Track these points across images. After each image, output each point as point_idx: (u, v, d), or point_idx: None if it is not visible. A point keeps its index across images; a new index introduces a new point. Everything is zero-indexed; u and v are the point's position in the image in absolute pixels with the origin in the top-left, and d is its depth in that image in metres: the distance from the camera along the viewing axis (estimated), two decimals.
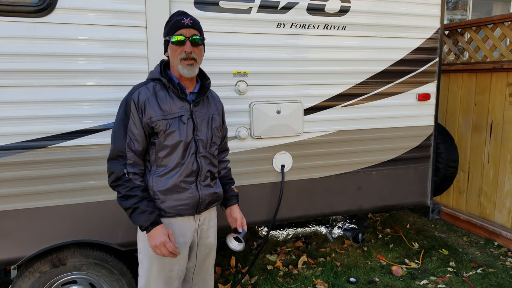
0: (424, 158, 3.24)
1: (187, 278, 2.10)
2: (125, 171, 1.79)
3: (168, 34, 1.84)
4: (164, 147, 1.83)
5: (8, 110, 2.15)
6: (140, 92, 1.82)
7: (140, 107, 1.80)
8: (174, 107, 1.84)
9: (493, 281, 3.23)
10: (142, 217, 1.78)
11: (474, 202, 4.15)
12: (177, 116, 1.84)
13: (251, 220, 2.80)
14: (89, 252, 2.40)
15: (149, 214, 1.79)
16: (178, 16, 1.85)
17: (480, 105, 4.02)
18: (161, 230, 1.80)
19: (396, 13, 2.92)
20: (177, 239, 1.90)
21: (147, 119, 1.80)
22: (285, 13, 2.63)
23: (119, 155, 1.81)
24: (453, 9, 7.03)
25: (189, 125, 1.87)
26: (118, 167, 1.80)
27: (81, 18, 2.21)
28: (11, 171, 2.19)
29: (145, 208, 1.79)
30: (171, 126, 1.82)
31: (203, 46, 1.91)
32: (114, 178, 1.80)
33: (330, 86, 2.84)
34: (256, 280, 3.27)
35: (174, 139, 1.83)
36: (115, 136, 1.82)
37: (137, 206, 1.78)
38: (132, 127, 1.80)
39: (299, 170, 2.86)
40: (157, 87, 1.85)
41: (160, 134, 1.82)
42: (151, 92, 1.82)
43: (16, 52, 2.12)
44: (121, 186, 1.79)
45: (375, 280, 3.29)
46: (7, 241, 2.23)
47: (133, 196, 1.78)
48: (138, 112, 1.80)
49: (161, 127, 1.81)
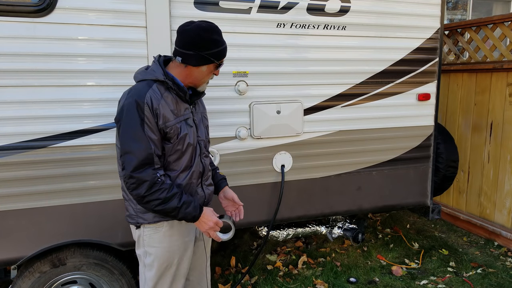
0: (424, 158, 3.24)
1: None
2: (158, 174, 1.71)
3: (216, 57, 1.78)
4: (175, 152, 1.80)
5: (8, 110, 2.15)
6: (151, 96, 1.71)
7: (155, 111, 1.70)
8: (180, 110, 1.81)
9: (493, 281, 3.23)
10: (191, 210, 1.75)
11: (474, 202, 4.15)
12: (183, 119, 1.82)
13: (251, 220, 2.80)
14: (89, 252, 2.40)
15: (193, 204, 1.77)
16: (223, 41, 1.81)
17: (480, 105, 4.02)
18: (209, 212, 1.81)
19: (396, 13, 2.92)
20: (183, 239, 1.92)
21: (162, 124, 1.73)
22: (285, 13, 2.63)
23: (146, 163, 1.69)
24: (453, 9, 7.03)
25: (194, 128, 1.87)
26: (149, 174, 1.68)
27: (81, 18, 2.21)
28: (11, 171, 2.19)
29: (188, 200, 1.76)
30: (182, 130, 1.80)
31: None
32: (148, 186, 1.68)
33: (330, 86, 2.84)
34: (256, 280, 3.27)
35: (185, 143, 1.81)
36: (136, 145, 1.68)
37: (182, 202, 1.74)
38: (150, 133, 1.71)
39: (299, 170, 2.86)
40: (162, 89, 1.77)
41: (173, 139, 1.77)
42: (160, 95, 1.74)
43: (16, 52, 2.12)
44: (158, 191, 1.69)
45: (375, 280, 3.29)
46: (7, 241, 2.23)
47: (174, 195, 1.72)
48: (154, 117, 1.70)
49: (175, 132, 1.77)
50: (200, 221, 1.79)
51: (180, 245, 1.91)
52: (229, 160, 2.63)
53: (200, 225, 1.80)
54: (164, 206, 1.71)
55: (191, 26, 1.75)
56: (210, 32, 1.76)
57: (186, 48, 1.74)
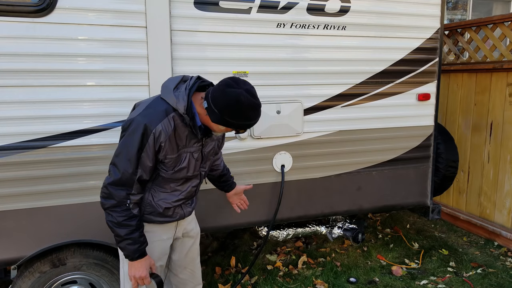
0: (424, 158, 3.24)
1: (174, 271, 2.13)
2: (128, 201, 1.72)
3: (237, 127, 1.69)
4: (169, 178, 1.82)
5: (8, 110, 2.15)
6: (162, 127, 1.67)
7: (159, 143, 1.68)
8: (189, 143, 1.80)
9: (493, 281, 3.23)
10: (132, 248, 1.74)
11: (474, 202, 4.15)
12: (189, 151, 1.81)
13: (251, 220, 2.80)
14: (89, 252, 2.40)
15: (139, 246, 1.76)
16: (252, 118, 1.68)
17: (480, 105, 4.02)
18: (144, 263, 1.78)
19: (396, 13, 2.92)
20: (160, 236, 1.94)
21: (162, 156, 1.73)
22: (285, 13, 2.63)
23: (124, 185, 1.70)
24: (453, 9, 7.03)
25: (198, 160, 1.87)
26: (121, 195, 1.70)
27: (81, 18, 2.21)
28: (11, 171, 2.19)
29: (137, 239, 1.75)
30: (183, 162, 1.79)
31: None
32: (112, 204, 1.70)
33: (330, 86, 2.84)
34: (256, 280, 3.26)
35: (181, 175, 1.83)
36: (125, 165, 1.68)
37: (129, 237, 1.72)
38: (146, 159, 1.70)
39: (299, 170, 2.86)
40: (178, 121, 1.71)
41: (169, 168, 1.77)
42: (172, 128, 1.69)
43: (16, 52, 2.12)
44: (116, 213, 1.70)
45: (375, 280, 3.29)
46: (7, 241, 2.23)
47: (128, 226, 1.72)
48: (155, 147, 1.69)
49: (173, 164, 1.77)
50: (132, 264, 1.78)
51: (157, 243, 1.93)
52: (229, 160, 2.63)
53: (130, 267, 1.79)
54: (114, 227, 1.72)
55: (236, 91, 1.60)
56: (248, 109, 1.63)
57: (215, 105, 1.63)
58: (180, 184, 1.87)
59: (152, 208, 1.85)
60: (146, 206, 1.85)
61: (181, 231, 2.05)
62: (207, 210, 2.66)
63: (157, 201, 1.85)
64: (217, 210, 2.69)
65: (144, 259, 1.78)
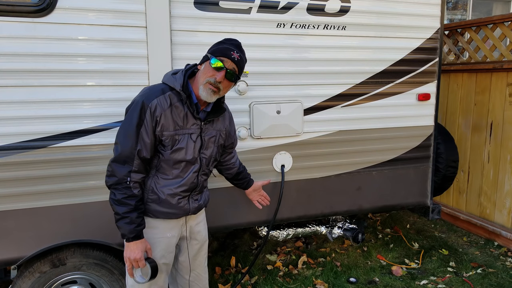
0: (424, 158, 3.23)
1: (181, 272, 2.14)
2: (128, 179, 1.78)
3: (213, 53, 1.81)
4: (169, 159, 1.85)
5: (8, 110, 2.15)
6: (158, 102, 1.78)
7: (155, 117, 1.77)
8: (187, 123, 1.85)
9: (493, 281, 3.23)
10: (128, 228, 1.78)
11: (474, 202, 4.15)
12: (187, 133, 1.85)
13: (251, 220, 2.80)
14: (89, 252, 2.40)
15: (135, 226, 1.80)
16: (231, 45, 1.84)
17: (480, 105, 4.02)
18: (140, 245, 1.82)
19: (396, 13, 2.92)
20: (164, 233, 1.95)
21: (159, 132, 1.80)
22: (285, 13, 2.63)
23: (125, 161, 1.78)
24: (453, 9, 7.03)
25: (197, 143, 1.89)
26: (122, 172, 1.77)
27: (81, 18, 2.21)
28: (11, 171, 2.19)
29: (134, 219, 1.79)
30: (180, 142, 1.84)
31: (235, 83, 1.91)
32: (114, 181, 1.78)
33: (330, 86, 2.84)
34: (256, 280, 3.27)
35: (180, 155, 1.85)
36: (125, 140, 1.78)
37: (127, 215, 1.78)
38: (144, 135, 1.78)
39: (299, 170, 2.86)
40: (174, 99, 1.82)
41: (167, 148, 1.82)
42: (168, 104, 1.79)
43: (16, 52, 2.12)
44: (118, 190, 1.78)
45: (375, 280, 3.29)
46: (7, 241, 2.23)
47: (127, 205, 1.78)
48: (152, 121, 1.77)
49: (170, 142, 1.82)
50: (128, 245, 1.81)
51: (160, 240, 1.95)
52: None
53: (126, 248, 1.83)
54: (114, 205, 1.79)
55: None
56: (226, 39, 1.87)
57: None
58: (181, 170, 1.88)
59: (155, 195, 1.88)
60: (149, 192, 1.88)
61: (188, 231, 2.06)
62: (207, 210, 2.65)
63: (160, 188, 1.88)
64: (217, 210, 2.69)
65: (140, 241, 1.81)
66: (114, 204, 1.79)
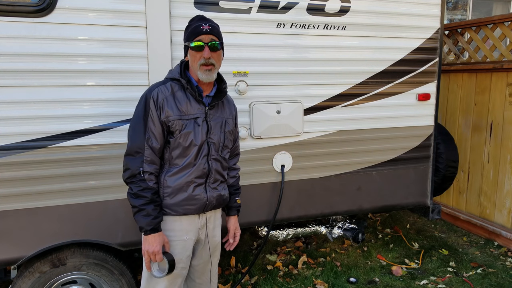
0: (424, 158, 3.24)
1: (192, 276, 2.12)
2: (141, 169, 1.82)
3: (187, 39, 1.87)
4: (178, 146, 1.87)
5: (8, 110, 2.15)
6: (159, 90, 1.85)
7: (158, 105, 1.83)
8: (191, 108, 1.88)
9: (493, 281, 3.23)
10: (145, 220, 1.81)
11: (474, 202, 4.15)
12: (192, 117, 1.88)
13: (251, 220, 2.80)
14: (89, 252, 2.40)
15: (152, 219, 1.82)
16: (197, 21, 1.87)
17: (480, 105, 4.02)
18: (158, 238, 1.84)
19: (396, 13, 2.92)
20: (181, 236, 1.94)
21: (165, 118, 1.84)
22: (285, 13, 2.63)
23: (137, 151, 1.83)
24: (453, 9, 7.03)
25: (203, 127, 1.90)
26: (135, 164, 1.82)
27: (81, 18, 2.21)
28: (11, 171, 2.19)
29: (151, 211, 1.82)
30: (187, 127, 1.86)
31: (222, 50, 1.93)
32: (129, 174, 1.83)
33: (330, 86, 2.84)
34: (256, 280, 3.27)
35: (188, 140, 1.87)
36: (133, 133, 1.85)
37: (143, 207, 1.81)
38: (151, 124, 1.83)
39: (299, 170, 2.86)
40: (176, 87, 1.89)
41: (175, 133, 1.86)
42: (169, 92, 1.86)
43: (16, 52, 2.12)
44: (134, 184, 1.82)
45: (375, 280, 3.29)
46: (7, 241, 2.23)
47: (143, 197, 1.81)
48: (157, 110, 1.83)
49: (177, 127, 1.85)
50: (146, 238, 1.83)
51: (178, 243, 1.93)
52: None
53: (144, 241, 1.85)
54: (131, 198, 1.83)
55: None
56: (190, 21, 1.91)
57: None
58: (191, 156, 1.88)
59: (169, 188, 1.88)
60: (164, 187, 1.89)
61: (204, 234, 2.03)
62: None
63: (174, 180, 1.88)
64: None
65: (157, 234, 1.84)
66: (131, 198, 1.83)
